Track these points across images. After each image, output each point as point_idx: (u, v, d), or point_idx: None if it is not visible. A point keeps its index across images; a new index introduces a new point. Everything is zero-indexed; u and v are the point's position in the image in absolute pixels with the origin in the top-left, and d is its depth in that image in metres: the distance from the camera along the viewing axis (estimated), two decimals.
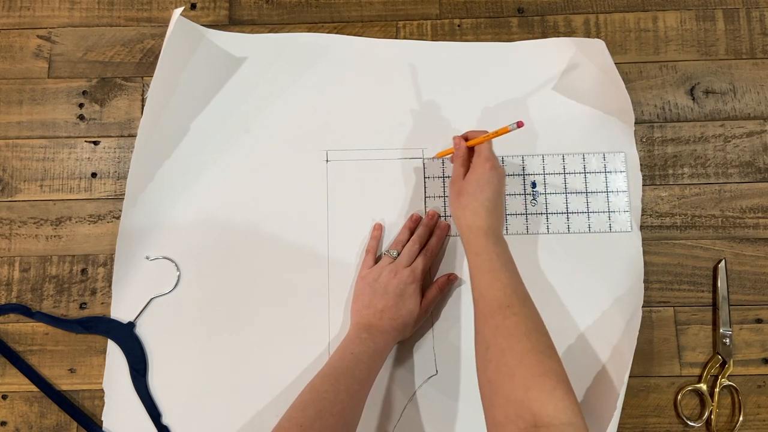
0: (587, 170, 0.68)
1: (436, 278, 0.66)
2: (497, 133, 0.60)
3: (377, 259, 0.65)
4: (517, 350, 0.49)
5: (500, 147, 0.67)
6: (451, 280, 0.65)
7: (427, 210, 0.68)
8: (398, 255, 0.64)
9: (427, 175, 0.68)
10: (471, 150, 0.63)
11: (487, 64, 0.71)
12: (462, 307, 0.65)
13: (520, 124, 0.58)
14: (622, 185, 0.67)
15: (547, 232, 0.67)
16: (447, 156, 0.67)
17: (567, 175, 0.68)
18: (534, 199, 0.68)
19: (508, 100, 0.69)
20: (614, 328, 0.64)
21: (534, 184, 0.68)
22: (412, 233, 0.66)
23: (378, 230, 0.67)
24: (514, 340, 0.49)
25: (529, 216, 0.67)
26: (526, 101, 0.69)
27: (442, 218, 0.68)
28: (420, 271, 0.62)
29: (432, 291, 0.63)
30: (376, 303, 0.60)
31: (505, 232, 0.67)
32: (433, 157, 0.68)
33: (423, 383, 0.64)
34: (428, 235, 0.66)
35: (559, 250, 0.66)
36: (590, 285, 0.65)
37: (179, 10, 0.64)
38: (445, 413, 0.63)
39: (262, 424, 0.63)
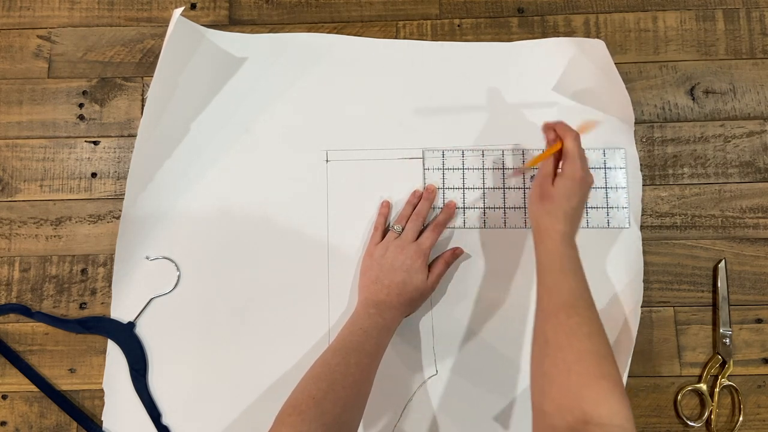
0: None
1: (441, 253, 0.66)
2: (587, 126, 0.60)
3: (384, 236, 0.65)
4: (576, 348, 0.49)
5: (501, 141, 0.67)
6: (457, 254, 0.65)
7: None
8: (403, 230, 0.64)
9: (426, 175, 0.68)
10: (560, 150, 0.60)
11: (487, 64, 0.71)
12: (463, 306, 0.65)
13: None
14: (622, 182, 0.67)
15: None
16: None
17: None
18: None
19: (508, 100, 0.69)
20: (613, 325, 0.64)
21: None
22: (415, 207, 0.66)
23: (386, 207, 0.67)
24: (575, 338, 0.50)
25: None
26: (526, 101, 0.69)
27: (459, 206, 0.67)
28: (427, 247, 0.63)
29: (438, 265, 0.64)
30: (384, 279, 0.61)
31: (503, 225, 0.67)
32: (518, 169, 0.67)
33: (423, 383, 0.64)
34: (429, 208, 0.66)
35: None
36: (589, 281, 0.65)
37: (179, 10, 0.64)
38: (445, 413, 0.63)
39: (262, 423, 0.62)
